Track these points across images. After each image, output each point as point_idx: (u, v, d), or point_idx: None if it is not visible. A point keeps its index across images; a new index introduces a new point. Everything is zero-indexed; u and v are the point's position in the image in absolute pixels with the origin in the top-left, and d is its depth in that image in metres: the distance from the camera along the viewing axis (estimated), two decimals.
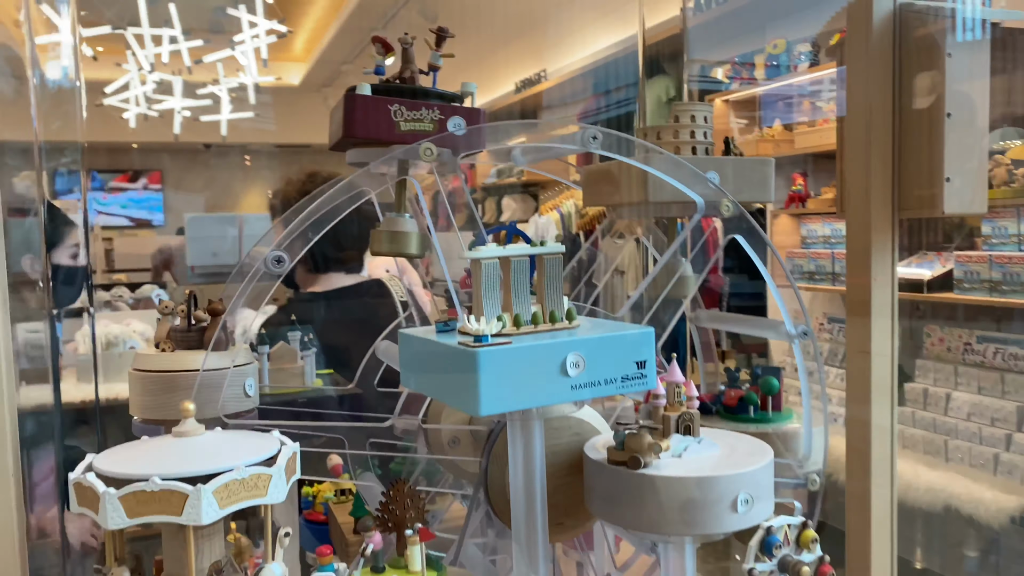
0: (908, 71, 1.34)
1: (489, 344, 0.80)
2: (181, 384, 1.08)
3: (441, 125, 1.12)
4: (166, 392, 1.09)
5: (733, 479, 0.85)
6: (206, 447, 0.77)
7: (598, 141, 1.13)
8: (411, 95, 1.14)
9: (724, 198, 1.16)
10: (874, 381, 1.45)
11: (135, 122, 7.13)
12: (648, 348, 0.87)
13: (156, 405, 1.09)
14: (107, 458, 0.78)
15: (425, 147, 1.08)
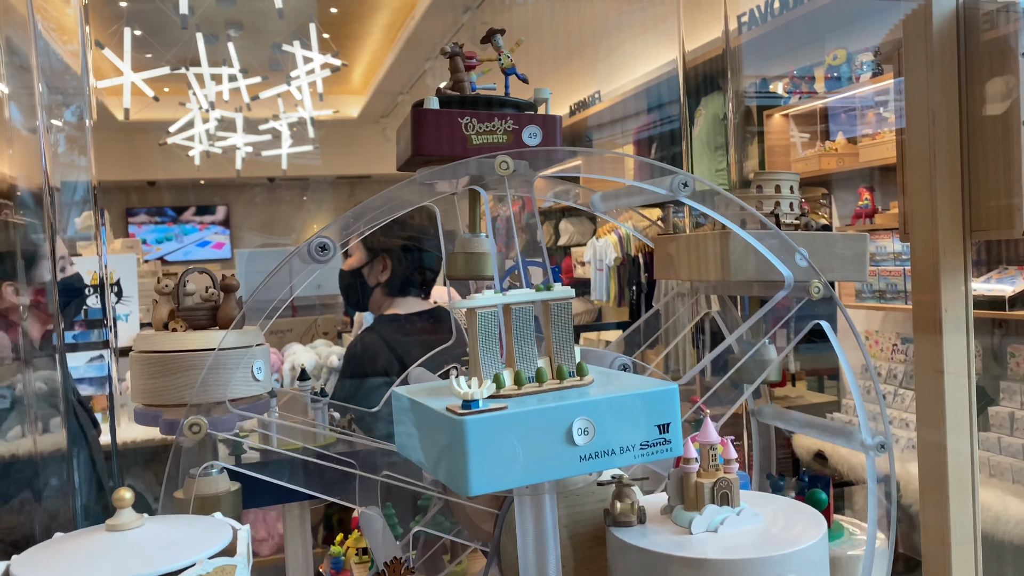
0: (976, 76, 1.20)
1: (480, 411, 0.69)
2: (184, 365, 1.01)
3: (516, 136, 1.06)
4: (167, 375, 1.01)
5: (778, 561, 0.72)
6: (148, 542, 0.67)
7: (688, 189, 1.02)
8: (484, 105, 1.07)
9: (815, 279, 1.04)
10: (948, 402, 1.30)
11: (199, 159, 7.31)
12: (672, 408, 0.74)
13: (157, 389, 1.01)
14: (28, 560, 0.69)
15: (501, 160, 1.00)
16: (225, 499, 1.02)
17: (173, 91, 6.93)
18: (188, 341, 1.03)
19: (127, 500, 0.69)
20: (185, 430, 0.97)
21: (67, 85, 2.48)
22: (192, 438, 0.97)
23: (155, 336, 1.05)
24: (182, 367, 1.01)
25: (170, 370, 1.01)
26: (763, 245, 1.04)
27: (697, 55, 4.21)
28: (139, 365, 1.04)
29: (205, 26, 5.99)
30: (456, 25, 6.58)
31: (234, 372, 1.02)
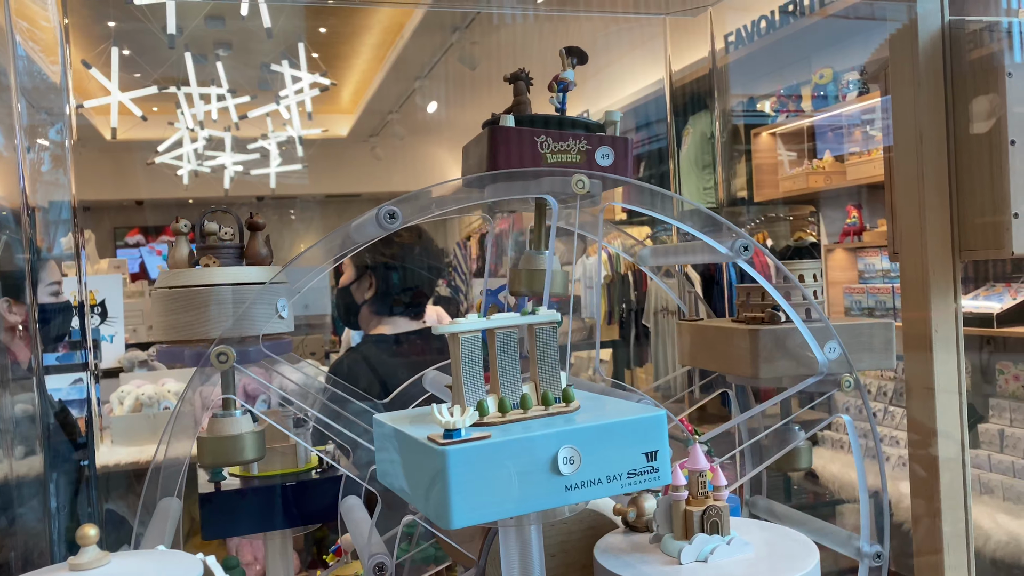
0: (962, 95, 1.20)
1: (463, 440, 0.67)
2: (208, 300, 1.01)
3: (589, 155, 1.08)
4: (192, 309, 1.01)
5: None
6: None
7: (748, 252, 1.02)
8: (556, 125, 1.10)
9: (847, 372, 1.03)
10: (940, 419, 1.29)
11: (187, 178, 7.29)
12: (660, 435, 0.73)
13: (182, 324, 1.01)
14: None
15: (577, 179, 1.02)
16: (249, 439, 1.01)
17: (161, 110, 6.92)
18: (214, 276, 1.03)
19: (91, 538, 0.66)
20: (212, 358, 0.97)
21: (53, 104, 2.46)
22: (219, 367, 0.98)
23: (180, 272, 1.05)
24: (208, 301, 1.01)
25: (195, 305, 1.01)
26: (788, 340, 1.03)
27: (684, 74, 4.23)
28: (163, 301, 1.04)
29: (193, 46, 5.98)
30: (445, 45, 6.59)
31: (258, 308, 1.02)
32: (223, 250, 1.08)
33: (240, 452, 1.02)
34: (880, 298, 3.93)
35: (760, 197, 4.59)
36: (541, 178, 1.05)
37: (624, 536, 0.83)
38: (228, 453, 1.01)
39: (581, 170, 1.05)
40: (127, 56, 5.91)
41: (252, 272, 1.06)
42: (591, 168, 1.08)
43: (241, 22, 5.88)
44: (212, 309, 1.01)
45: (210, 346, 0.97)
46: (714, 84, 3.36)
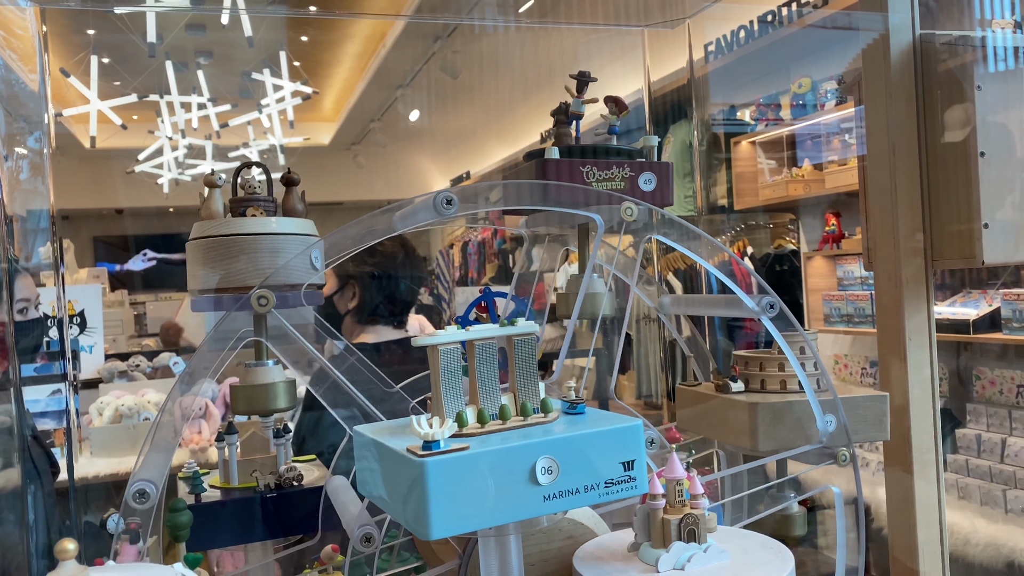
0: (934, 106, 1.22)
1: (442, 452, 0.67)
2: (245, 249, 1.03)
3: (632, 182, 1.12)
4: (229, 258, 1.03)
5: None
6: None
7: (774, 311, 1.05)
8: (603, 154, 1.15)
9: (843, 445, 1.05)
10: (914, 426, 1.31)
11: (168, 187, 7.24)
12: (637, 445, 0.73)
13: (218, 273, 1.03)
14: None
15: (626, 206, 1.06)
16: (281, 388, 1.03)
17: (141, 119, 6.88)
18: (251, 226, 1.05)
19: (69, 552, 0.66)
20: (253, 301, 0.99)
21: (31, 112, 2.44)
22: (259, 310, 1.00)
23: (218, 222, 1.07)
24: (245, 250, 1.03)
25: (232, 253, 1.03)
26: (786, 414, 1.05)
27: (664, 84, 4.26)
28: (200, 251, 1.05)
29: (174, 54, 5.95)
30: (427, 54, 6.61)
31: (295, 258, 1.04)
32: (263, 203, 1.10)
33: (273, 400, 1.04)
34: (859, 305, 3.97)
35: (740, 205, 4.62)
36: (590, 205, 1.08)
37: (603, 545, 0.83)
38: (262, 400, 1.03)
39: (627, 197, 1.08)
40: (106, 64, 5.87)
41: (293, 224, 1.09)
42: (634, 194, 1.12)
43: (222, 31, 5.87)
44: (253, 258, 1.04)
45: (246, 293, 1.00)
46: (692, 93, 3.39)
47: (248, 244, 1.03)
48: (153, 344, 5.75)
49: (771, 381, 1.11)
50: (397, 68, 7.06)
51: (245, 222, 1.05)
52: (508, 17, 4.27)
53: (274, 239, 1.04)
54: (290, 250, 1.04)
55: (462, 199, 0.99)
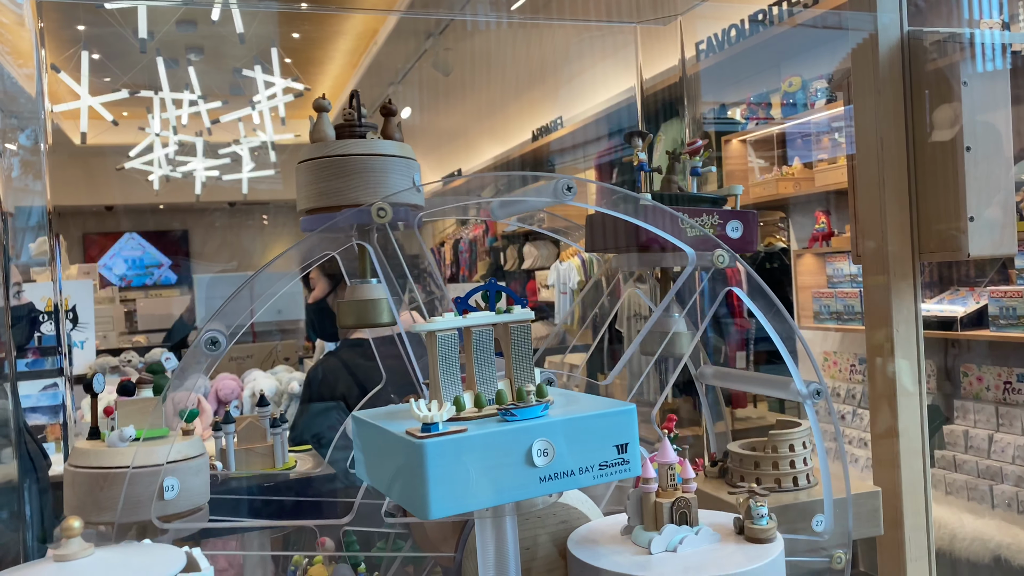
0: (921, 104, 1.24)
1: (440, 434, 0.69)
2: (357, 168, 1.09)
3: (721, 228, 1.18)
4: (342, 176, 1.09)
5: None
6: (95, 571, 0.66)
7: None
8: (689, 202, 1.22)
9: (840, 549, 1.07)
10: (901, 421, 1.33)
11: (158, 184, 7.22)
12: (630, 428, 0.75)
13: (331, 191, 1.09)
14: None
15: (719, 254, 1.11)
16: (384, 304, 1.09)
17: (132, 115, 6.86)
18: (363, 147, 1.11)
19: (76, 529, 0.67)
20: (373, 213, 1.04)
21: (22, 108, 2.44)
22: (378, 220, 1.05)
23: (330, 144, 1.12)
24: (356, 169, 1.09)
25: (345, 172, 1.09)
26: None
27: (656, 82, 4.28)
28: (313, 171, 1.11)
29: (165, 50, 5.94)
30: (419, 51, 6.61)
31: (399, 178, 1.11)
32: (370, 128, 1.17)
33: (378, 314, 1.10)
34: (848, 302, 4.00)
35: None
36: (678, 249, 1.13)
37: (596, 528, 0.85)
38: (369, 314, 1.09)
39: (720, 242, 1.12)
40: (97, 60, 5.85)
41: (398, 147, 1.15)
42: (723, 240, 1.16)
43: (213, 27, 5.85)
44: (364, 176, 1.10)
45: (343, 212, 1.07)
46: (684, 91, 3.40)
47: (360, 163, 1.09)
48: (144, 340, 5.75)
49: (766, 479, 1.15)
50: (389, 65, 7.06)
51: (358, 143, 1.11)
52: (500, 14, 4.28)
53: (383, 160, 1.10)
54: (396, 171, 1.11)
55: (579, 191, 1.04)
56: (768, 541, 0.79)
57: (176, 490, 0.97)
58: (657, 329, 1.22)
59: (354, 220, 1.08)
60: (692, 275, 1.12)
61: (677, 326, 1.23)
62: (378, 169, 1.09)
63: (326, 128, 1.14)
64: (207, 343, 0.95)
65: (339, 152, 1.10)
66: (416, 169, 1.15)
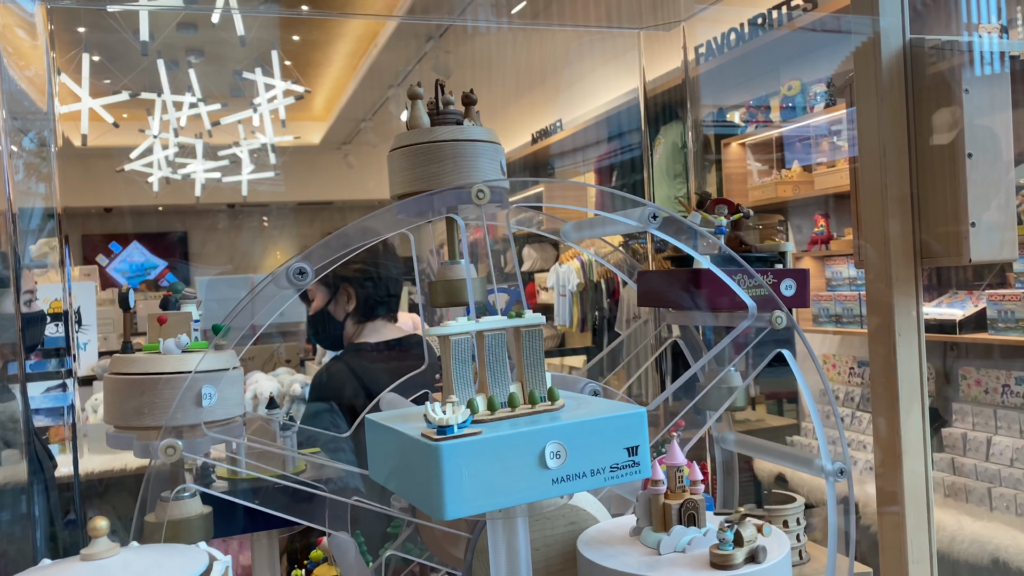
0: (923, 109, 1.26)
1: (455, 436, 0.70)
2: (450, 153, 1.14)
3: (776, 287, 1.22)
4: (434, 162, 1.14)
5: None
6: (121, 571, 0.67)
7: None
8: (749, 262, 1.22)
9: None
10: (903, 424, 1.34)
11: (158, 186, 7.22)
12: (640, 431, 0.77)
13: (428, 175, 1.13)
14: None
15: (777, 315, 1.15)
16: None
17: (132, 117, 6.86)
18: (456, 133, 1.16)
19: (102, 529, 0.69)
20: (473, 195, 1.09)
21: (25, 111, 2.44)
22: (478, 203, 1.09)
23: (424, 130, 1.17)
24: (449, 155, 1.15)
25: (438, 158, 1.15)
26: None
27: (656, 85, 4.29)
28: (408, 156, 1.16)
29: (165, 53, 5.95)
30: (419, 54, 6.62)
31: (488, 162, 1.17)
32: (456, 115, 1.21)
33: (464, 294, 1.11)
34: (847, 305, 4.01)
35: None
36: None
37: (605, 530, 0.86)
38: (460, 294, 1.10)
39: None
40: (97, 62, 5.86)
41: (487, 132, 1.20)
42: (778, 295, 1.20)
43: (213, 30, 5.86)
44: (457, 161, 1.14)
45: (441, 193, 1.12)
46: (686, 95, 3.42)
47: (453, 149, 1.13)
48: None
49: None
50: (389, 68, 7.07)
51: (452, 130, 1.16)
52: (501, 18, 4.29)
53: (474, 145, 1.14)
54: (486, 155, 1.15)
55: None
56: (730, 568, 0.79)
57: (214, 398, 1.01)
58: (721, 384, 1.25)
59: (452, 202, 1.12)
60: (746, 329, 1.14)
61: (734, 379, 1.25)
62: (470, 154, 1.14)
63: (422, 116, 1.18)
64: (295, 273, 0.98)
65: (433, 139, 1.15)
66: (502, 154, 1.20)
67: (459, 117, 1.20)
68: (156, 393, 1.00)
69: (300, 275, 1.00)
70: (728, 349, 1.16)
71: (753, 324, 1.12)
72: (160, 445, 0.96)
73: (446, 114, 1.19)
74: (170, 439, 0.97)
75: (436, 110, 1.20)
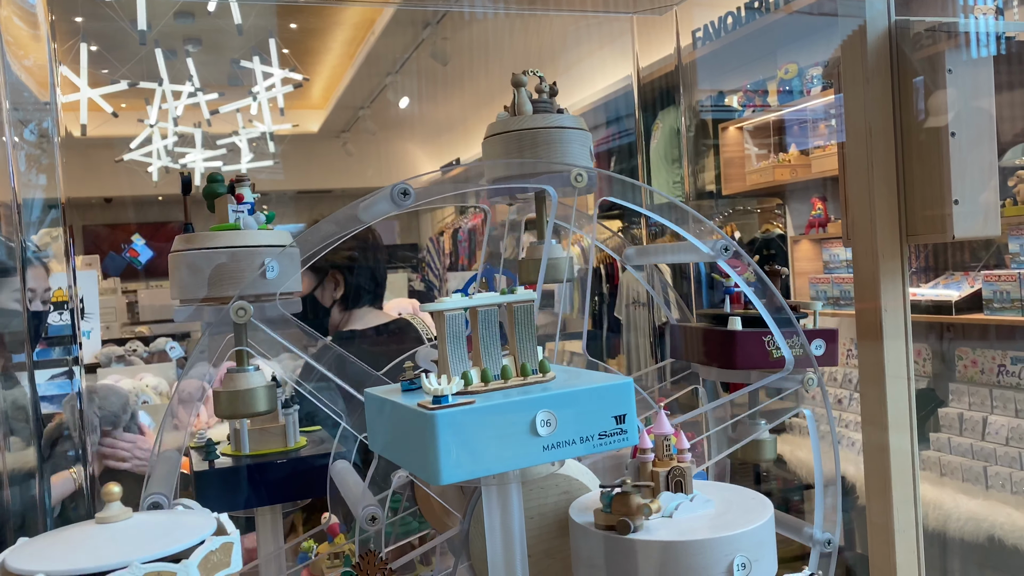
0: (908, 91, 1.28)
1: (449, 405, 0.73)
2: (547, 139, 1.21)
3: (804, 347, 1.23)
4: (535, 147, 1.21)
5: (729, 541, 0.78)
6: (122, 536, 0.71)
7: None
8: (779, 324, 1.26)
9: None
10: (890, 405, 1.37)
11: (157, 175, 7.22)
12: (628, 400, 0.80)
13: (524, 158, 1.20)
14: (20, 552, 0.72)
15: (808, 377, 1.20)
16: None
17: (131, 107, 6.86)
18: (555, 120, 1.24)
19: (115, 494, 0.72)
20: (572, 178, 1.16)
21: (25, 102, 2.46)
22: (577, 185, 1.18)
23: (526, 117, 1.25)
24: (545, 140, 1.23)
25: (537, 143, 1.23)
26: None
27: (653, 70, 4.30)
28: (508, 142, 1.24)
29: (163, 42, 5.94)
30: (416, 41, 6.62)
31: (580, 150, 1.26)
32: (552, 104, 1.29)
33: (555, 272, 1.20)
34: (844, 287, 4.04)
35: (728, 190, 4.68)
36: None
37: (596, 498, 0.90)
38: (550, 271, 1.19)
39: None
40: (95, 52, 5.86)
41: (574, 120, 1.29)
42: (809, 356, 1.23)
43: (211, 18, 5.86)
44: (553, 147, 1.23)
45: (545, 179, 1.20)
46: (680, 80, 3.43)
47: (552, 135, 1.22)
48: (147, 331, 5.79)
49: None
50: (386, 55, 7.07)
51: (552, 117, 1.24)
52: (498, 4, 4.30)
53: (569, 132, 1.24)
54: (577, 141, 1.25)
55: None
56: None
57: (276, 271, 1.09)
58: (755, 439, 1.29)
59: (553, 184, 1.18)
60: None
61: (762, 433, 1.28)
62: (564, 140, 1.21)
63: (526, 103, 1.25)
64: (399, 193, 1.05)
65: (537, 125, 1.22)
66: (590, 140, 1.28)
67: (558, 105, 1.28)
68: (226, 264, 1.09)
69: (404, 195, 1.05)
70: (753, 398, 1.21)
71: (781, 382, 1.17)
72: (232, 307, 1.04)
73: (546, 103, 1.27)
74: (241, 301, 1.04)
75: (536, 98, 1.27)
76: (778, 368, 1.18)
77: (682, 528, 0.81)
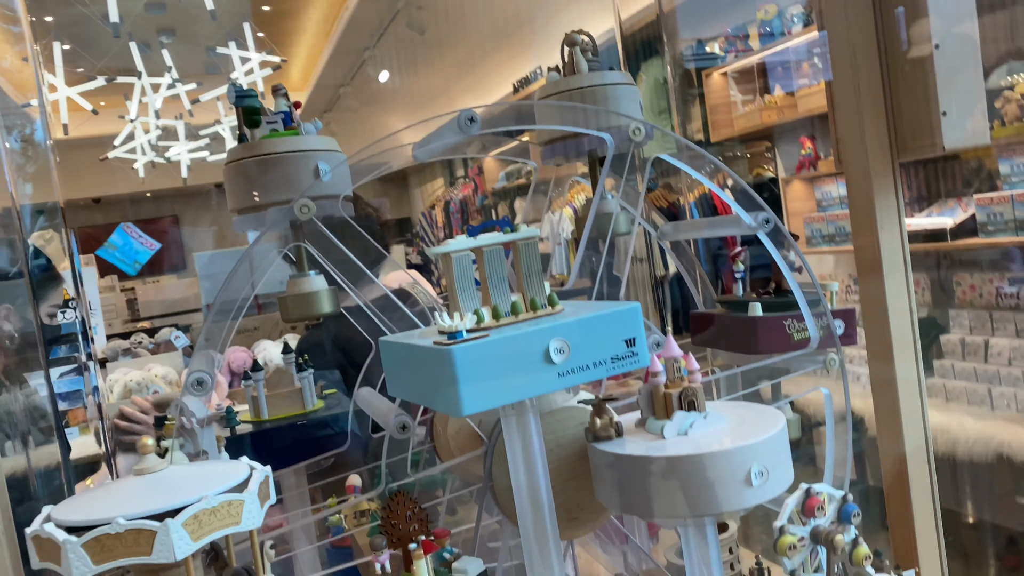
0: (889, 8, 1.28)
1: (464, 340, 0.75)
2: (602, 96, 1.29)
3: (827, 329, 1.26)
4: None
5: (744, 451, 0.80)
6: (169, 482, 0.73)
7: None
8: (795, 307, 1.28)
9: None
10: (894, 337, 1.39)
11: (144, 171, 7.18)
12: (636, 324, 0.82)
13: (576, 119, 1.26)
14: (66, 507, 0.74)
15: (831, 358, 1.22)
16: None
17: (110, 104, 6.80)
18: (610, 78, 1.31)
19: (150, 447, 0.75)
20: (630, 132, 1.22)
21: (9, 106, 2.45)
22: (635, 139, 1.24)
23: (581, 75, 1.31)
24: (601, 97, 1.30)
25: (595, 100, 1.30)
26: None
27: (633, 22, 4.27)
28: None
29: (137, 35, 5.88)
30: (392, 12, 6.55)
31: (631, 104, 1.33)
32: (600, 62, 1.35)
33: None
34: (839, 224, 4.05)
35: (716, 137, 4.67)
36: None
37: None
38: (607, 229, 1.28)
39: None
40: (69, 50, 5.80)
41: (624, 76, 1.34)
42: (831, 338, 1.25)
43: (182, 6, 5.79)
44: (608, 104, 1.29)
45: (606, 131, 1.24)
46: (662, 29, 3.41)
47: (607, 92, 1.28)
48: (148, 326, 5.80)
49: None
50: (362, 29, 7.00)
51: (606, 75, 1.30)
52: None
53: (614, 88, 1.29)
54: (628, 96, 1.31)
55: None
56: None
57: (329, 174, 1.15)
58: None
59: (605, 143, 1.23)
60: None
61: (785, 412, 1.30)
62: (618, 96, 1.28)
63: (581, 62, 1.31)
64: (466, 120, 1.08)
65: (590, 84, 1.28)
66: (639, 94, 1.33)
67: (608, 63, 1.32)
68: (282, 169, 1.14)
69: (470, 122, 1.08)
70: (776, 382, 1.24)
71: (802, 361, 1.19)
72: (297, 204, 1.07)
73: (596, 61, 1.32)
74: (304, 199, 1.08)
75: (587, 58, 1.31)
76: (797, 348, 1.21)
77: (698, 443, 0.83)
